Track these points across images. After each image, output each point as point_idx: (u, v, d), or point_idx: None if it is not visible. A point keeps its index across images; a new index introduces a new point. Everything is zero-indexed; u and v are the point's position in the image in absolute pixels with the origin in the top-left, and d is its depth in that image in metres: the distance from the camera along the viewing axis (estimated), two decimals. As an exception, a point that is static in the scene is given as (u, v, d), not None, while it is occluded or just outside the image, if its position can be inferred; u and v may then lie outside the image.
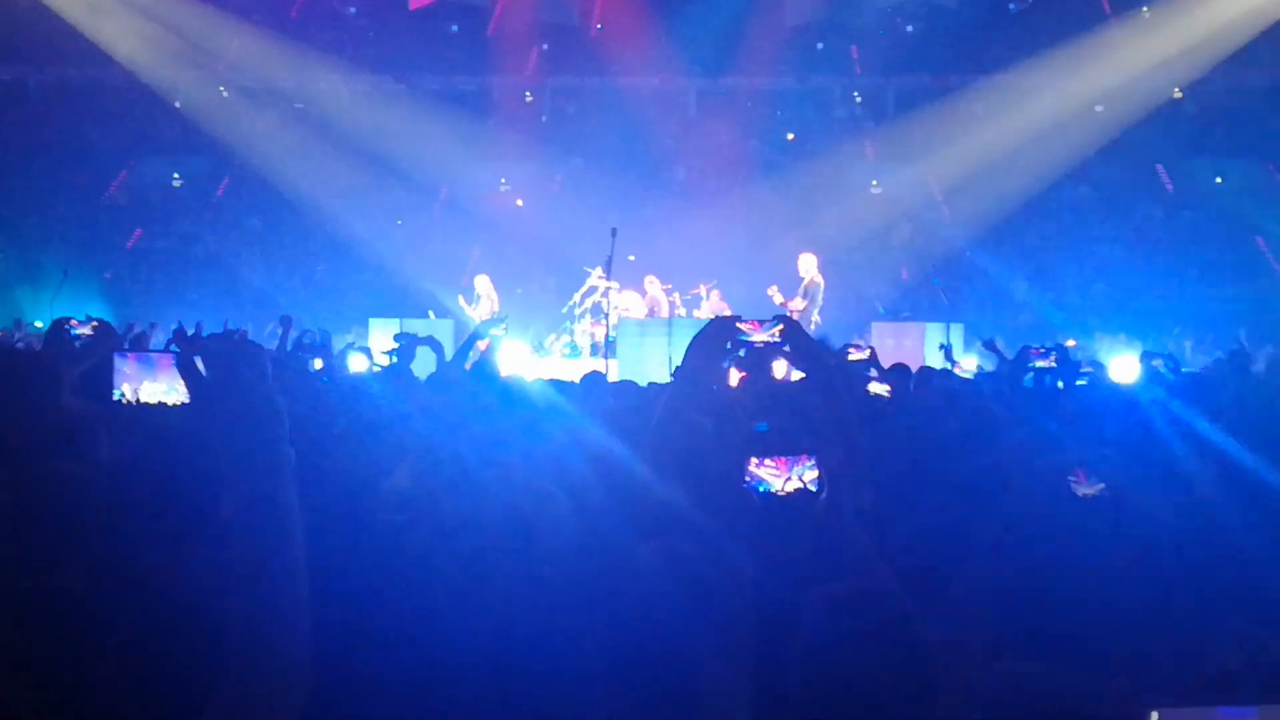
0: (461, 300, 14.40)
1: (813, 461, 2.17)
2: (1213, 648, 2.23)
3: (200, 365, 1.58)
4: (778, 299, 12.04)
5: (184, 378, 1.61)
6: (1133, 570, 2.39)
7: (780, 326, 2.58)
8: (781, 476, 2.17)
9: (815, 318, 12.26)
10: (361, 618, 2.02)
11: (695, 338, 2.74)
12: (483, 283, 14.34)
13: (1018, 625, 2.26)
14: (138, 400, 2.02)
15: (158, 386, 1.99)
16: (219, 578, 1.52)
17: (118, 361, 2.05)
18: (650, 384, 6.27)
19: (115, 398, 2.05)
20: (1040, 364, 4.42)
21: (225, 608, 1.50)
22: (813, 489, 2.15)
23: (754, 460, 2.20)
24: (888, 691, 1.72)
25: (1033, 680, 2.01)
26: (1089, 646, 2.08)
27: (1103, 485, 2.54)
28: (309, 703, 1.54)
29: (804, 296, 12.11)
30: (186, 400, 1.70)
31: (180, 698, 1.58)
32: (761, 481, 2.17)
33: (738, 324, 2.63)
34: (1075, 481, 2.55)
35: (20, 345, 8.95)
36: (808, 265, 12.32)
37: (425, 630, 2.05)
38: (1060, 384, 4.74)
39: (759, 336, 2.56)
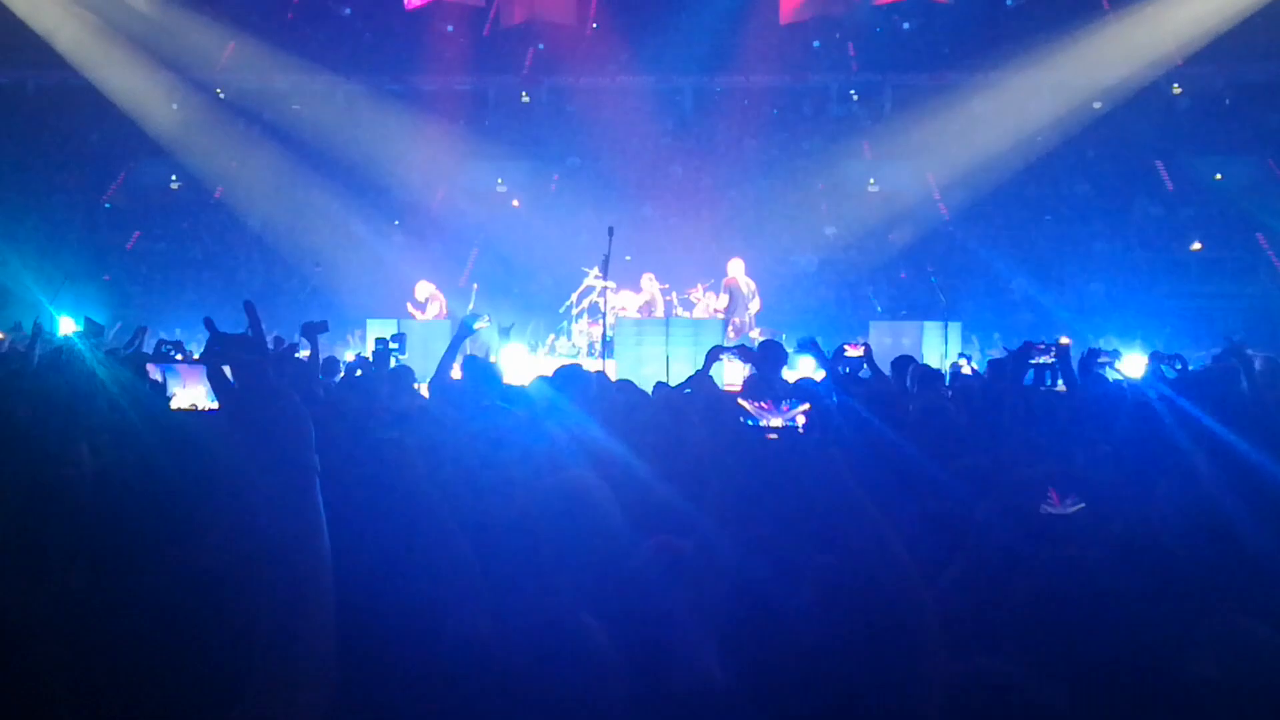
0: (410, 306, 14.36)
1: (800, 404, 2.33)
2: (1195, 654, 2.11)
3: (228, 373, 1.63)
4: (696, 297, 13.76)
5: (213, 386, 1.66)
6: (1109, 579, 2.24)
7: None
8: (769, 413, 2.33)
9: (746, 319, 13.16)
10: (373, 616, 2.06)
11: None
12: (426, 288, 14.33)
13: (990, 627, 2.25)
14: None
15: (188, 393, 2.04)
16: (249, 581, 1.56)
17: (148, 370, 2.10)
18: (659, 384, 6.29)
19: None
20: (1041, 359, 4.46)
21: (255, 609, 1.54)
22: (799, 422, 2.31)
23: (746, 401, 2.36)
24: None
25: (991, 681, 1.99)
26: (1066, 652, 2.07)
27: (1081, 505, 2.33)
28: (334, 702, 1.58)
29: (724, 291, 13.35)
30: (215, 406, 1.75)
31: (211, 698, 1.61)
32: (751, 416, 2.34)
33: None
34: (1049, 504, 2.34)
35: (24, 349, 8.93)
36: (731, 269, 13.40)
37: (431, 628, 2.09)
38: (1061, 381, 4.80)
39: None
